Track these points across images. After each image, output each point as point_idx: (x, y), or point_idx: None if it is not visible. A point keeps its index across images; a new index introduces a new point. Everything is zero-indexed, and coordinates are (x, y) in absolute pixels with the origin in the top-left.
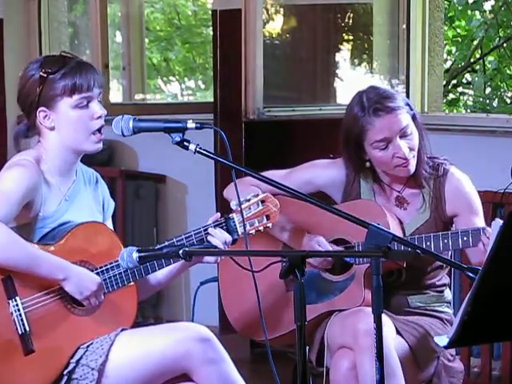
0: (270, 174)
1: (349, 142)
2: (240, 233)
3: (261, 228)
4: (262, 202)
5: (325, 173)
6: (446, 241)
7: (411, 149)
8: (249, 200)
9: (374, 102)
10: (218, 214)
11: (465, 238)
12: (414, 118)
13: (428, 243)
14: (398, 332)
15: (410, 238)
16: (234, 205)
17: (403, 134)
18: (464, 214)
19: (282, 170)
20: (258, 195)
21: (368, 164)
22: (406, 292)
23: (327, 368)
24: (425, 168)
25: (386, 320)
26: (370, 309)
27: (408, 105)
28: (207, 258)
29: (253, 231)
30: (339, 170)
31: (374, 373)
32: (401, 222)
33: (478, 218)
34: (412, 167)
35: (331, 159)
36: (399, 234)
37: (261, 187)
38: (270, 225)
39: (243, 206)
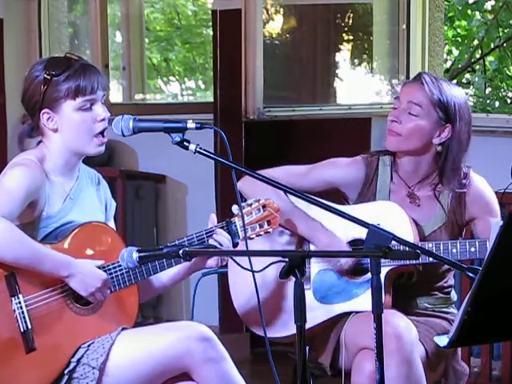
0: (290, 168)
1: None
2: (241, 237)
3: (262, 233)
4: (264, 207)
5: (345, 172)
6: (454, 251)
7: (399, 122)
8: (250, 205)
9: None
10: (214, 216)
11: (472, 249)
12: (441, 120)
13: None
14: None
15: (420, 244)
16: (235, 209)
17: (408, 107)
18: (483, 217)
19: (301, 166)
20: (259, 200)
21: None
22: (415, 293)
23: (346, 369)
24: (453, 175)
25: (406, 320)
26: (396, 312)
27: (443, 104)
28: (209, 263)
29: (253, 236)
30: (359, 169)
31: (398, 376)
32: (417, 225)
33: (496, 219)
34: (394, 143)
35: (351, 158)
36: (418, 239)
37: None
38: (270, 230)
39: (245, 211)
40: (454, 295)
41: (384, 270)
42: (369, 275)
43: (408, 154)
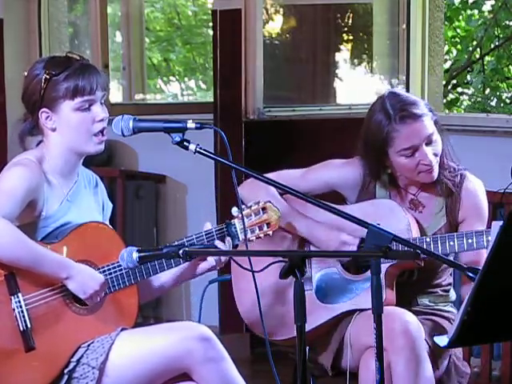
0: (285, 173)
1: (371, 150)
2: (241, 239)
3: (261, 235)
4: (263, 209)
5: (340, 173)
6: (451, 243)
7: (436, 155)
8: (250, 207)
9: (399, 109)
10: (209, 225)
11: (470, 241)
12: (436, 123)
13: (436, 245)
14: None
15: (418, 238)
16: (235, 211)
17: (429, 141)
18: (471, 220)
19: (296, 169)
20: (259, 203)
21: (389, 170)
22: (416, 291)
23: (350, 369)
24: (445, 174)
25: (415, 318)
26: (403, 309)
27: (431, 111)
28: (202, 266)
29: (253, 238)
30: (355, 170)
31: (407, 373)
32: (419, 225)
33: (482, 227)
34: (436, 173)
35: (347, 159)
36: (417, 235)
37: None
38: (270, 232)
39: (244, 213)
40: (452, 294)
41: (384, 267)
42: (368, 272)
43: None
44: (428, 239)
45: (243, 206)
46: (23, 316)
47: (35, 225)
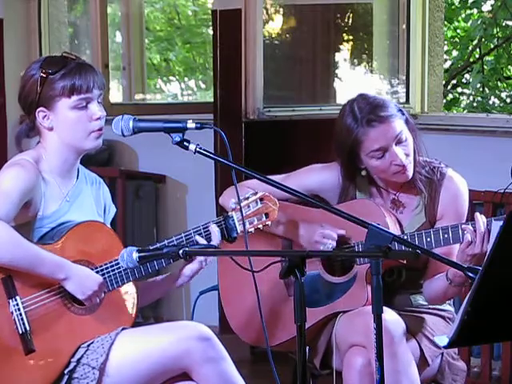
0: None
1: (343, 153)
2: (239, 231)
3: (260, 226)
4: (261, 200)
5: (319, 177)
6: (428, 239)
7: (407, 154)
8: (247, 198)
9: (366, 112)
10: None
11: (446, 236)
12: (407, 122)
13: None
14: (407, 329)
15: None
16: (233, 203)
17: (398, 141)
18: (448, 218)
19: (277, 175)
20: (256, 193)
21: (364, 173)
22: (408, 291)
23: (337, 369)
24: (420, 171)
25: (395, 315)
26: (384, 307)
27: (400, 110)
28: (190, 267)
29: (252, 229)
30: (334, 173)
31: (389, 370)
32: (400, 224)
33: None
34: (410, 172)
35: (327, 163)
36: (398, 233)
37: (259, 190)
38: (269, 223)
39: (242, 204)
40: None
41: (365, 267)
42: (349, 274)
43: None
44: (405, 236)
45: (241, 198)
46: (22, 319)
47: (31, 225)
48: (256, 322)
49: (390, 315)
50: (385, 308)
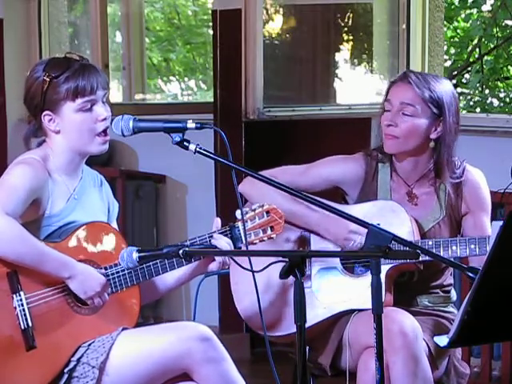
0: (288, 168)
1: None
2: (244, 241)
3: (265, 238)
4: (267, 212)
5: (342, 168)
6: (454, 247)
7: (396, 125)
8: (254, 210)
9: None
10: (218, 220)
11: (472, 246)
12: (435, 115)
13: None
14: None
15: (421, 241)
16: (238, 214)
17: (401, 109)
18: (475, 212)
19: (300, 165)
20: (263, 206)
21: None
22: (416, 292)
23: (350, 369)
24: (452, 174)
25: (415, 322)
26: (400, 310)
27: (435, 99)
28: (211, 267)
29: (256, 241)
30: (357, 165)
31: (405, 373)
32: (416, 222)
33: (486, 217)
34: (394, 146)
35: (350, 155)
36: (419, 238)
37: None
38: (274, 236)
39: (248, 216)
40: (453, 294)
41: (384, 269)
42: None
43: (407, 154)
44: (430, 242)
45: (247, 209)
46: (24, 314)
47: (38, 223)
48: (268, 314)
49: (407, 318)
50: (402, 311)
